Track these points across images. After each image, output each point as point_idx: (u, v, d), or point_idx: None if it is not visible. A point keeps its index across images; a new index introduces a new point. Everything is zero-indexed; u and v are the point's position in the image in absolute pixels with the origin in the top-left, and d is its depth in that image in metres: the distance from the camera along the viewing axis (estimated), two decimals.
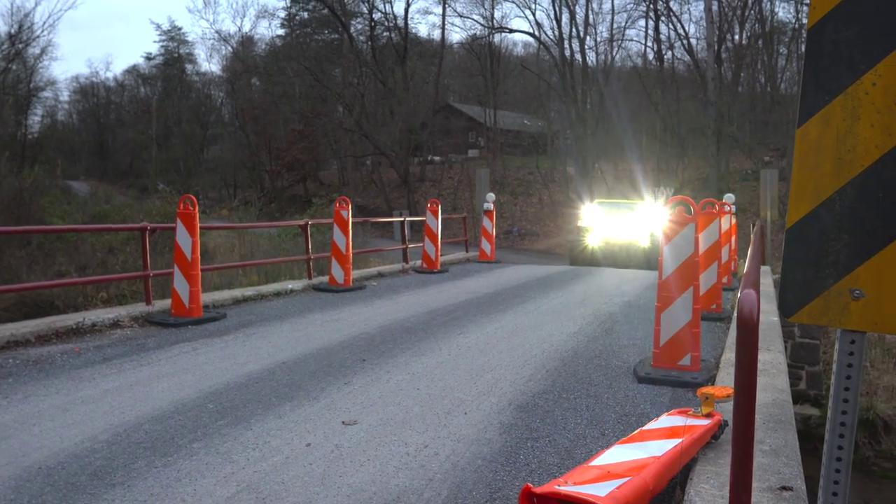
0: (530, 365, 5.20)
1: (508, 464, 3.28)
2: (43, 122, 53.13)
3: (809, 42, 1.77)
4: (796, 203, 1.80)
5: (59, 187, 27.93)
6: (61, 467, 3.24)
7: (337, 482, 3.07)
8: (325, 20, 42.48)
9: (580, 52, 34.88)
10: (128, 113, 61.30)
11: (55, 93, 54.28)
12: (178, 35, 59.16)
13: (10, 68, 34.67)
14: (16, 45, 33.70)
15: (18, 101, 39.07)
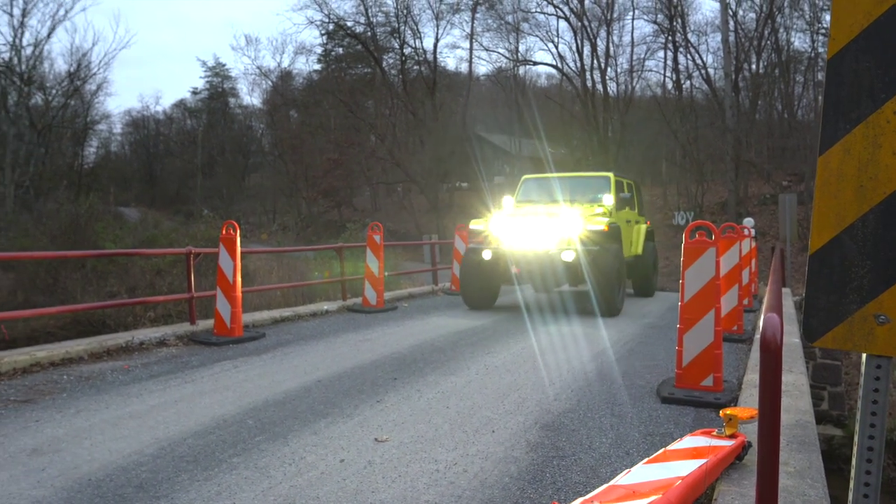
0: (556, 385, 5.13)
1: (535, 482, 3.22)
2: (98, 153, 54.47)
3: (829, 72, 1.74)
4: (819, 230, 1.75)
5: (111, 213, 28.54)
6: (109, 479, 3.26)
7: (369, 498, 3.04)
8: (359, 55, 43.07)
9: (601, 83, 34.86)
10: (175, 144, 62.55)
11: (109, 126, 55.69)
12: (222, 71, 60.42)
13: (69, 103, 35.65)
14: (74, 82, 34.69)
15: (76, 134, 40.11)
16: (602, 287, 8.51)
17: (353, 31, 37.85)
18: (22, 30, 29.68)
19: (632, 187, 11.59)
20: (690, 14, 44.46)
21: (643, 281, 11.81)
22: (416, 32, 37.55)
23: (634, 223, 11.38)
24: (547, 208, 9.37)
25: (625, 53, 38.59)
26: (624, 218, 10.44)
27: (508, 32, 37.45)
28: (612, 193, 10.00)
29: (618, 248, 8.97)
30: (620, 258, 9.03)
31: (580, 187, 10.46)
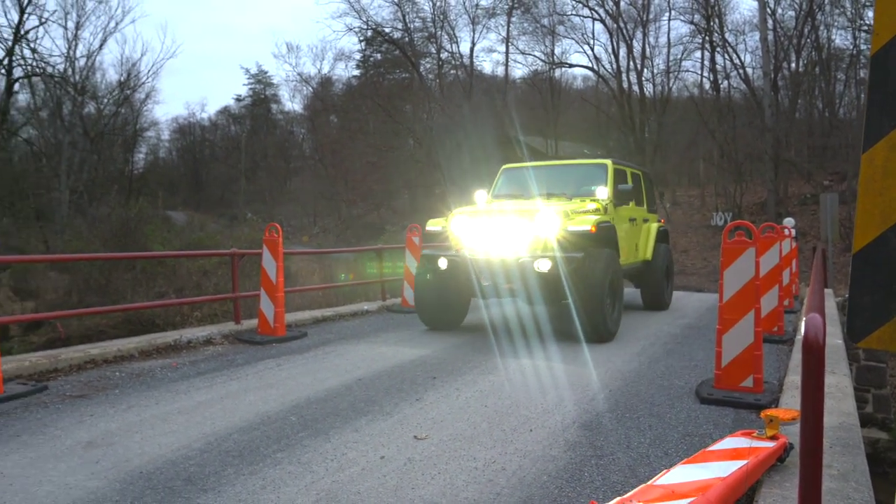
0: (594, 384, 5.08)
1: (573, 480, 3.19)
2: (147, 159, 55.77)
3: (873, 68, 1.69)
4: (863, 228, 1.71)
5: (160, 217, 29.21)
6: (159, 472, 3.34)
7: (409, 494, 3.05)
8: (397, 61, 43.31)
9: (638, 84, 34.43)
10: (220, 149, 63.71)
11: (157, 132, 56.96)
12: (264, 78, 61.33)
13: (119, 112, 36.63)
14: (124, 91, 35.63)
15: (126, 141, 41.17)
16: (588, 305, 6.53)
17: (391, 37, 38.07)
18: (76, 42, 30.61)
19: (639, 178, 9.45)
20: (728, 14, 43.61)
21: (654, 291, 9.46)
22: (452, 37, 37.62)
23: (642, 222, 9.20)
24: (522, 204, 7.35)
25: (661, 54, 37.98)
26: (626, 215, 8.42)
27: (544, 35, 37.24)
28: (608, 185, 7.94)
29: (610, 255, 6.96)
30: (614, 267, 7.01)
31: (571, 178, 8.41)
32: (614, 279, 6.98)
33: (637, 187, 9.09)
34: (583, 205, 7.42)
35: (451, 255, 7.15)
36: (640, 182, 9.50)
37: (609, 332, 6.84)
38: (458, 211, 7.37)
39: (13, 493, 3.11)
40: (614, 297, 7.04)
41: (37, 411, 4.45)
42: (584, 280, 6.50)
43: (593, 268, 6.60)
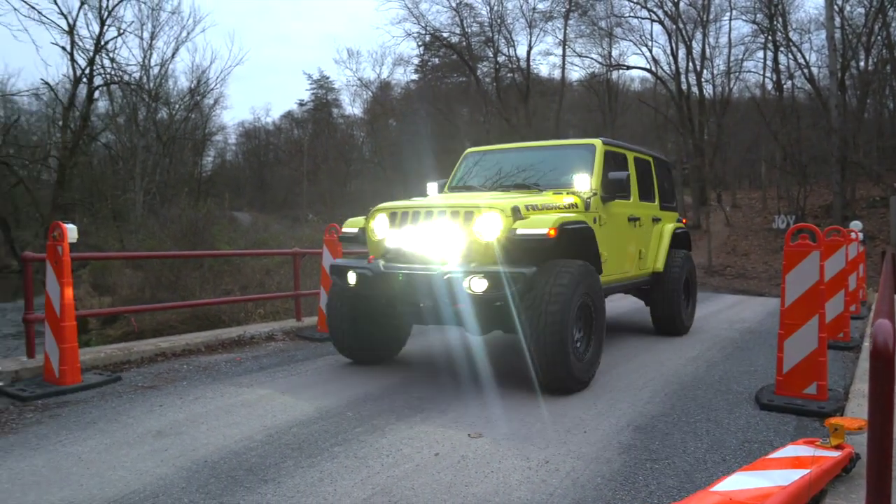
0: (649, 387, 4.97)
1: (627, 484, 3.13)
2: (214, 162, 57.55)
3: None
4: None
5: (226, 217, 30.06)
6: (223, 462, 3.43)
7: (462, 491, 3.05)
8: (455, 65, 43.44)
9: (697, 85, 33.52)
10: (283, 152, 65.16)
11: (225, 136, 58.69)
12: (325, 83, 62.43)
13: (190, 117, 37.90)
14: (194, 97, 36.85)
15: (196, 145, 42.56)
16: (542, 342, 4.53)
17: (449, 42, 38.20)
18: (151, 51, 31.83)
19: (647, 166, 7.27)
20: (792, 12, 41.97)
21: (666, 312, 7.16)
22: (509, 41, 37.47)
23: (650, 222, 7.07)
24: (461, 198, 5.40)
25: (721, 55, 36.84)
26: (621, 213, 6.32)
27: (601, 38, 36.69)
28: (594, 173, 5.91)
29: (581, 270, 4.82)
30: (589, 286, 4.90)
31: (549, 164, 6.31)
32: (589, 304, 4.94)
33: (644, 177, 7.08)
34: (556, 198, 5.41)
35: (362, 267, 5.12)
36: (650, 170, 7.34)
37: (574, 380, 4.69)
38: (380, 207, 5.35)
39: (90, 476, 3.25)
40: (589, 331, 5.00)
41: (111, 400, 4.64)
42: (536, 306, 4.52)
43: (551, 288, 4.54)
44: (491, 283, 4.54)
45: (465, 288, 4.58)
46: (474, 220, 4.81)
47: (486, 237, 4.76)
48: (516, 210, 4.80)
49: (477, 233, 4.78)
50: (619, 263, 6.34)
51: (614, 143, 6.60)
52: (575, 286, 4.65)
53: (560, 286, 4.57)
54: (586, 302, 4.91)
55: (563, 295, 4.55)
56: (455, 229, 4.87)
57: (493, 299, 4.64)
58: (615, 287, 6.40)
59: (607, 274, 5.85)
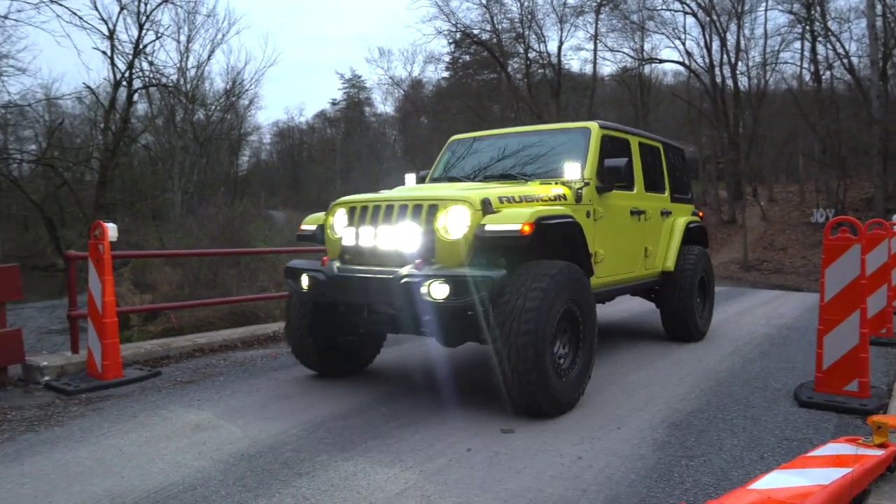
0: (685, 383, 4.89)
1: (662, 481, 3.08)
2: (250, 162, 58.36)
3: None
4: None
5: (262, 216, 30.48)
6: (259, 455, 3.47)
7: (495, 487, 3.03)
8: (485, 62, 43.28)
9: (731, 78, 32.81)
10: (317, 151, 65.77)
11: (259, 136, 59.43)
12: (357, 82, 62.78)
13: (225, 117, 38.47)
14: (230, 98, 37.39)
15: (231, 145, 43.21)
16: (514, 357, 3.87)
17: (480, 39, 38.08)
18: (187, 54, 32.40)
19: (656, 154, 6.58)
20: (830, 1, 40.94)
21: (678, 316, 6.39)
22: (540, 36, 37.18)
23: (658, 216, 6.35)
24: (427, 189, 4.81)
25: (757, 46, 35.96)
26: (624, 206, 5.65)
27: (633, 31, 36.19)
28: (588, 160, 5.18)
29: (564, 272, 4.13)
30: (575, 292, 4.22)
31: (539, 152, 5.57)
32: (575, 312, 4.24)
33: (652, 165, 6.41)
34: (541, 189, 4.71)
35: (315, 269, 4.54)
36: (659, 158, 6.63)
37: (554, 402, 4.00)
38: (340, 201, 4.76)
39: (131, 468, 3.32)
40: (575, 343, 4.31)
41: (151, 395, 4.74)
42: (507, 316, 3.87)
43: (525, 295, 3.87)
44: (453, 288, 3.87)
45: (423, 295, 3.92)
46: (438, 216, 4.13)
47: (451, 235, 4.10)
48: (486, 203, 4.10)
49: (441, 230, 4.11)
50: (620, 262, 5.64)
51: (614, 127, 5.80)
52: (556, 291, 3.99)
53: (536, 292, 3.90)
54: (571, 310, 4.21)
55: (539, 302, 3.87)
56: (417, 226, 4.21)
57: (458, 308, 4.00)
58: (615, 289, 5.70)
59: (605, 275, 5.29)
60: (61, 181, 24.08)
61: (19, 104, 14.59)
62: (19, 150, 25.38)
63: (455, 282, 3.88)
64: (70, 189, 24.61)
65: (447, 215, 4.13)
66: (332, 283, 4.40)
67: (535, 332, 3.83)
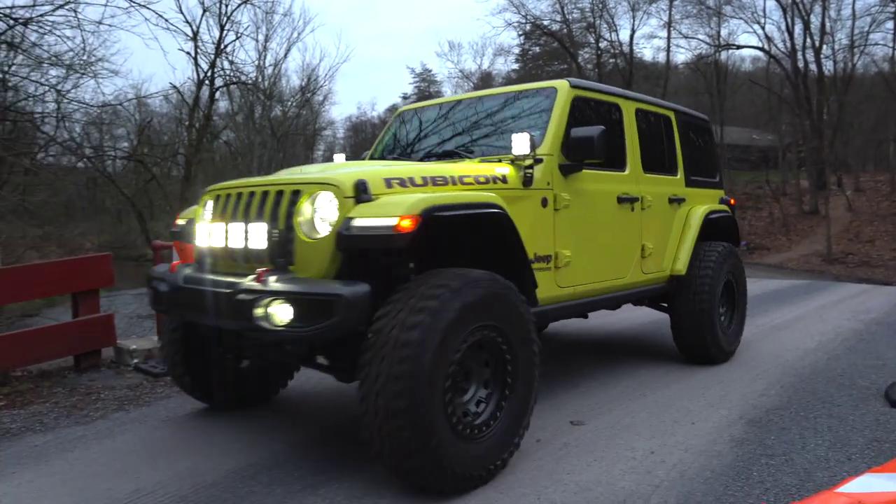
0: (763, 379, 4.66)
1: (740, 479, 2.94)
2: (324, 156, 59.55)
3: None
4: None
5: None
6: (331, 438, 3.51)
7: (565, 479, 2.97)
8: (555, 53, 42.62)
9: (815, 62, 31.03)
10: None
11: (333, 131, 60.58)
12: (428, 76, 63.01)
13: (301, 113, 39.44)
14: (305, 94, 38.28)
15: (307, 140, 44.25)
16: (384, 407, 2.63)
17: (550, 30, 37.53)
18: (265, 53, 33.32)
19: (667, 124, 5.14)
20: None
21: (691, 332, 5.02)
22: (611, 25, 36.29)
23: (667, 204, 4.96)
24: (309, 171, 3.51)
25: (844, 28, 34.08)
26: (605, 190, 4.28)
27: (709, 17, 34.76)
28: (549, 130, 3.88)
29: (481, 286, 2.91)
30: (501, 314, 3.00)
31: (497, 121, 4.27)
32: (499, 343, 3.00)
33: (656, 138, 4.99)
34: (478, 169, 3.49)
35: (158, 278, 3.54)
36: (670, 130, 5.17)
37: (445, 477, 2.77)
38: (211, 189, 3.61)
39: (211, 446, 3.42)
40: (500, 390, 3.05)
41: None
42: (374, 353, 2.69)
43: (404, 321, 2.68)
44: (297, 311, 2.72)
45: (258, 318, 2.77)
46: (300, 206, 2.97)
47: (312, 231, 2.93)
48: (361, 187, 2.87)
49: (301, 225, 2.95)
50: (600, 266, 4.22)
51: (594, 87, 4.45)
52: (455, 316, 2.72)
53: (420, 316, 2.65)
54: (491, 339, 2.95)
55: (420, 333, 2.61)
56: (275, 220, 3.03)
57: (313, 338, 2.90)
58: (593, 301, 4.25)
59: (575, 282, 3.94)
60: (150, 176, 25.26)
61: (113, 104, 15.38)
62: (113, 148, 26.79)
63: (299, 301, 2.73)
64: (158, 183, 25.80)
65: (309, 205, 2.95)
66: (172, 295, 3.37)
67: (414, 377, 2.58)
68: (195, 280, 3.27)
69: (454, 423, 2.78)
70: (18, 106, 11.82)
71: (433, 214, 2.82)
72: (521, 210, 3.47)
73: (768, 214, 31.54)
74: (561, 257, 3.81)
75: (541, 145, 3.77)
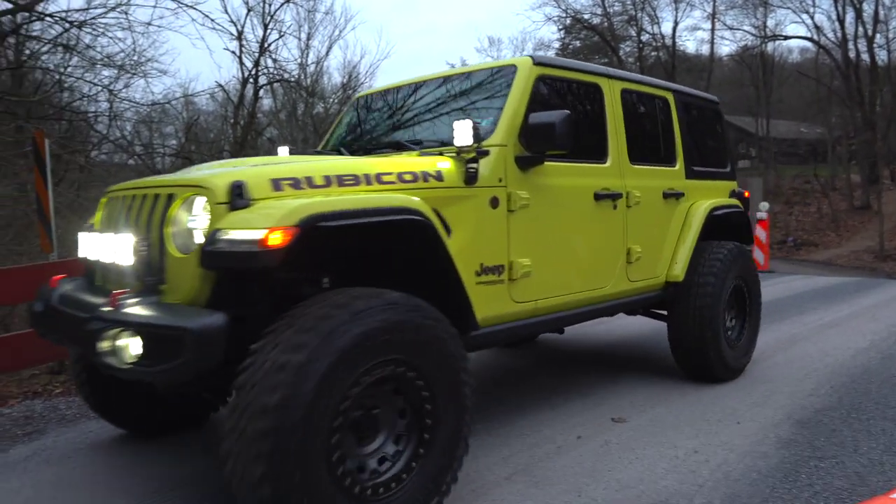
0: (811, 378, 4.51)
1: (788, 481, 2.84)
2: None
3: None
4: None
5: None
6: None
7: (605, 476, 2.93)
8: (596, 47, 42.02)
9: (868, 52, 29.89)
10: None
11: None
12: None
13: (342, 110, 39.87)
14: (346, 91, 38.51)
15: None
16: (242, 472, 2.05)
17: (590, 24, 37.06)
18: (307, 51, 33.70)
19: (660, 105, 4.43)
20: None
21: (690, 346, 4.32)
22: (653, 18, 35.59)
23: (661, 199, 4.26)
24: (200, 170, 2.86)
25: None
26: (581, 186, 3.63)
27: (755, 7, 33.76)
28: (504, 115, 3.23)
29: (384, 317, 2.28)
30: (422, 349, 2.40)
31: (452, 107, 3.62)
32: (419, 386, 2.45)
33: (646, 123, 4.29)
34: (416, 164, 2.92)
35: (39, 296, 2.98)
36: (667, 114, 4.44)
37: None
38: (110, 189, 3.12)
39: None
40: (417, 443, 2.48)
41: None
42: (236, 408, 2.11)
43: (268, 371, 2.08)
44: (148, 346, 2.23)
45: (104, 353, 2.29)
46: (172, 213, 2.49)
47: (187, 245, 2.41)
48: (235, 190, 2.33)
49: (173, 236, 2.47)
50: (570, 275, 3.55)
51: (567, 65, 3.75)
52: (340, 358, 2.13)
53: (293, 356, 2.08)
54: (407, 380, 2.39)
55: (284, 393, 2.03)
56: (148, 230, 2.56)
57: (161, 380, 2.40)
58: (561, 318, 3.55)
59: (536, 296, 3.31)
60: None
61: (162, 103, 15.79)
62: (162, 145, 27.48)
63: (145, 334, 2.24)
64: None
65: (180, 212, 2.46)
66: (44, 316, 2.87)
67: (280, 434, 2.00)
68: (68, 300, 2.77)
69: (341, 477, 2.18)
70: (73, 106, 12.20)
71: (318, 225, 2.25)
72: (462, 213, 2.91)
73: (816, 210, 30.58)
74: (517, 267, 3.16)
75: (492, 134, 3.15)
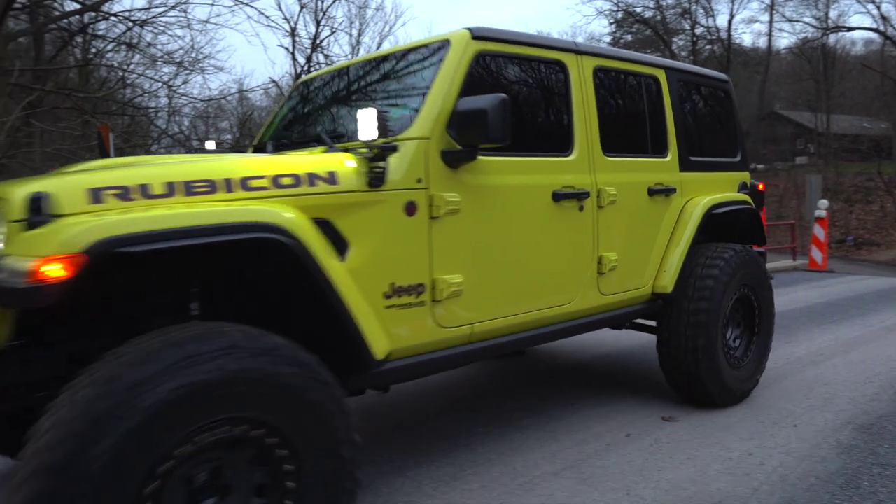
0: (874, 383, 4.32)
1: (849, 488, 2.73)
2: None
3: None
4: None
5: None
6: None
7: (655, 475, 2.87)
8: (648, 40, 41.17)
9: None
10: None
11: None
12: None
13: None
14: None
15: None
16: None
17: (642, 17, 36.34)
18: (358, 47, 34.02)
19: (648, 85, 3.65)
20: None
21: (680, 366, 3.64)
22: (708, 11, 34.72)
23: (646, 196, 3.52)
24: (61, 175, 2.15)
25: None
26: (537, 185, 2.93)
27: None
28: (428, 101, 2.58)
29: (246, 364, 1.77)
30: (280, 405, 1.84)
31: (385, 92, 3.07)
32: (271, 451, 1.87)
33: (633, 109, 3.63)
34: (319, 163, 2.31)
35: None
36: (657, 96, 3.70)
37: None
38: None
39: None
40: None
41: None
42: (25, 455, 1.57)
43: (43, 434, 1.55)
44: None
45: None
46: None
47: None
48: (34, 204, 1.78)
49: None
50: (519, 291, 2.88)
51: (518, 38, 2.99)
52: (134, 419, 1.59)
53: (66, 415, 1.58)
54: (264, 447, 1.87)
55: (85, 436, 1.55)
56: None
57: None
58: (507, 343, 2.87)
59: (471, 319, 2.68)
60: None
61: (218, 98, 16.27)
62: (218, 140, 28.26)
63: None
64: None
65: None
66: None
67: (57, 499, 1.52)
68: None
69: None
70: (135, 101, 12.65)
71: (116, 250, 1.71)
72: (365, 223, 2.34)
73: (879, 208, 29.29)
74: (443, 286, 2.54)
75: (411, 125, 2.55)
